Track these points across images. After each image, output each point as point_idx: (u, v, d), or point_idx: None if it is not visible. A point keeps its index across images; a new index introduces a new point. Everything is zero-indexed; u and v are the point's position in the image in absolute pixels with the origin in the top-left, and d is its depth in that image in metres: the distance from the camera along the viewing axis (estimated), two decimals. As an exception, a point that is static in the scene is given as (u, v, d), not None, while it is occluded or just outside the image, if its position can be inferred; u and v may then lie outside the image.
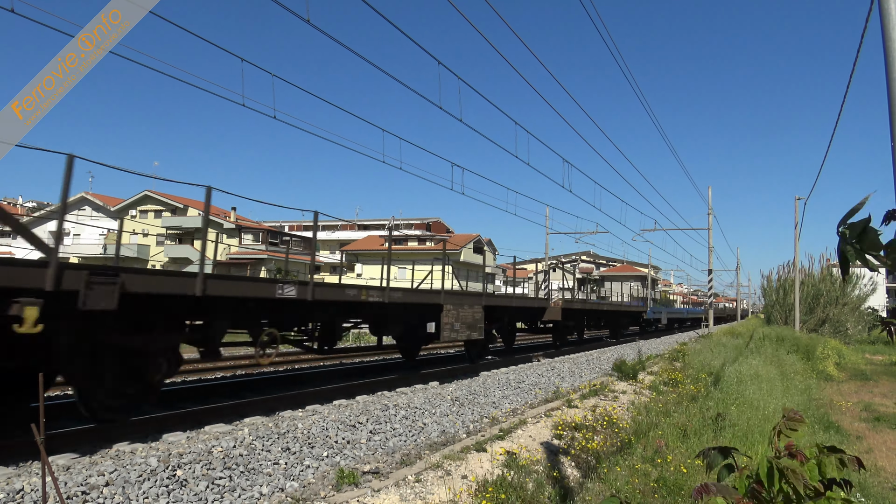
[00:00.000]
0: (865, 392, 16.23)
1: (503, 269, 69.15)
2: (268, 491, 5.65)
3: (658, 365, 16.03)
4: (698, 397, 11.29)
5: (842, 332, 35.14)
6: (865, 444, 9.85)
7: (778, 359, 18.81)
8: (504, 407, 10.28)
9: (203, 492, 5.39)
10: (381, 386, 12.24)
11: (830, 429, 10.38)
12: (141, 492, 5.12)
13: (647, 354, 18.28)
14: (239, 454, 6.24)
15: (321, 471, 6.30)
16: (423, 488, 5.58)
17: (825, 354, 22.11)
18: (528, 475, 6.19)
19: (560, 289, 26.80)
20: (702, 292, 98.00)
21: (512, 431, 7.90)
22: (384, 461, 6.71)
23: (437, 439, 7.93)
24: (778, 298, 39.54)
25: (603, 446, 7.49)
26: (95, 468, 5.43)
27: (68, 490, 4.83)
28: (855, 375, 19.98)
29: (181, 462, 5.79)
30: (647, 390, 12.40)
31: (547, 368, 15.17)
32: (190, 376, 13.11)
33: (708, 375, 13.59)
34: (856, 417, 12.27)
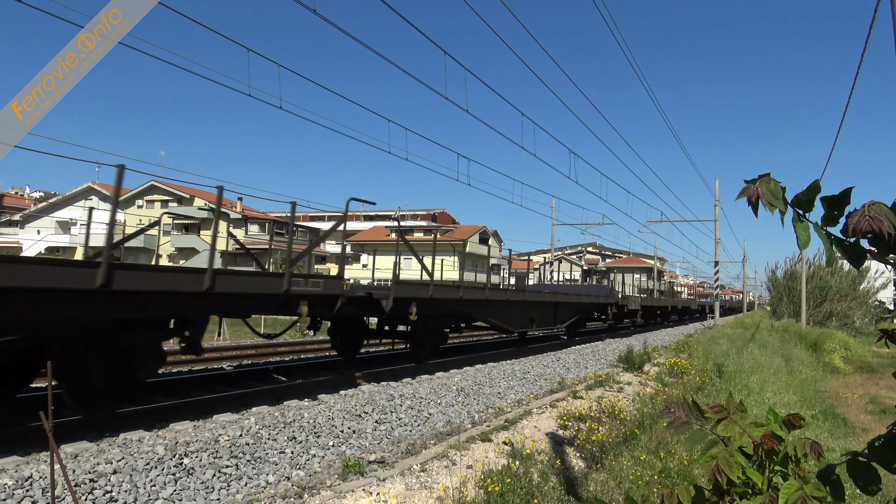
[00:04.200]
0: (871, 384, 16.21)
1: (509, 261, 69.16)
2: (274, 479, 5.69)
3: (663, 356, 16.02)
4: (704, 388, 11.29)
5: (849, 325, 35.01)
6: (871, 437, 9.83)
7: (784, 351, 18.78)
8: (509, 398, 10.30)
9: (210, 480, 5.42)
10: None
11: (836, 420, 10.36)
12: (148, 479, 5.16)
13: (652, 346, 18.25)
14: (245, 443, 6.28)
15: (327, 460, 6.34)
16: (428, 478, 5.60)
17: (832, 348, 22.06)
18: (533, 465, 6.20)
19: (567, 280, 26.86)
20: (708, 284, 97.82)
21: (517, 422, 7.92)
22: (390, 451, 6.73)
23: (443, 429, 7.95)
24: (785, 291, 39.37)
25: (608, 437, 7.49)
26: (103, 456, 5.47)
27: (76, 477, 4.86)
28: (861, 368, 19.93)
29: (188, 450, 5.83)
30: (652, 381, 12.39)
31: (552, 360, 15.17)
32: (196, 366, 13.17)
33: (713, 366, 13.57)
34: (862, 410, 12.25)
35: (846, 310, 36.03)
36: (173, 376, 11.28)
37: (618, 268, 60.06)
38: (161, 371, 11.35)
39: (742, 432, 1.46)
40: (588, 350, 18.45)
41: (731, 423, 1.46)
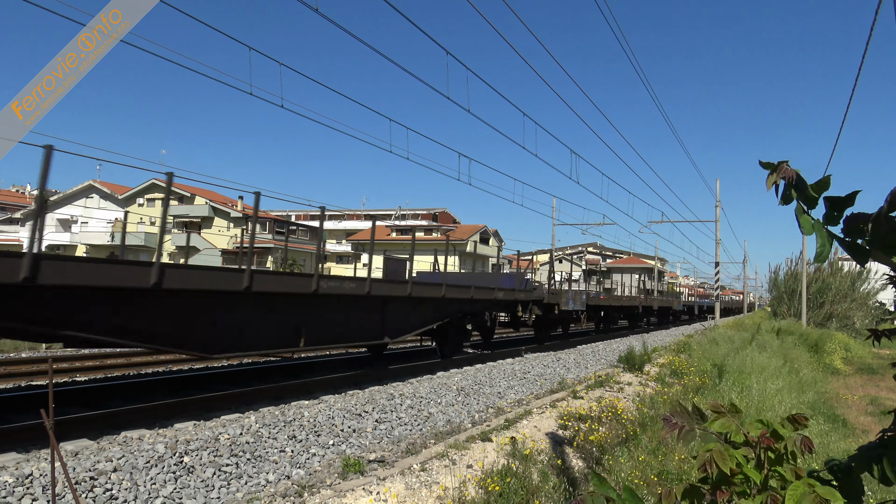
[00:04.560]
0: (872, 386, 16.19)
1: (509, 261, 69.12)
2: (274, 478, 5.69)
3: (663, 357, 16.02)
4: (703, 389, 11.29)
5: (849, 327, 34.98)
6: (871, 438, 9.81)
7: (784, 352, 18.77)
8: (510, 397, 10.30)
9: (210, 478, 5.43)
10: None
11: (836, 422, 10.35)
12: (148, 478, 5.17)
13: (652, 346, 18.25)
14: (245, 441, 6.28)
15: (327, 459, 6.34)
16: (428, 477, 5.61)
17: (832, 349, 22.06)
18: (533, 465, 6.21)
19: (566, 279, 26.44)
20: (708, 284, 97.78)
21: (517, 422, 7.92)
22: (390, 450, 6.74)
23: (443, 429, 7.96)
24: (786, 292, 39.28)
25: (608, 438, 7.50)
26: (103, 454, 5.47)
27: (77, 475, 4.87)
28: (862, 369, 19.91)
29: (188, 449, 5.83)
30: (652, 382, 12.39)
31: (553, 360, 15.17)
32: (197, 363, 13.17)
33: (713, 367, 13.57)
34: (862, 411, 12.24)
35: (846, 311, 36.00)
36: (174, 374, 11.29)
37: (618, 268, 59.98)
38: (162, 370, 11.36)
39: (738, 430, 1.46)
40: (588, 350, 18.45)
41: (728, 421, 1.47)
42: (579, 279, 42.87)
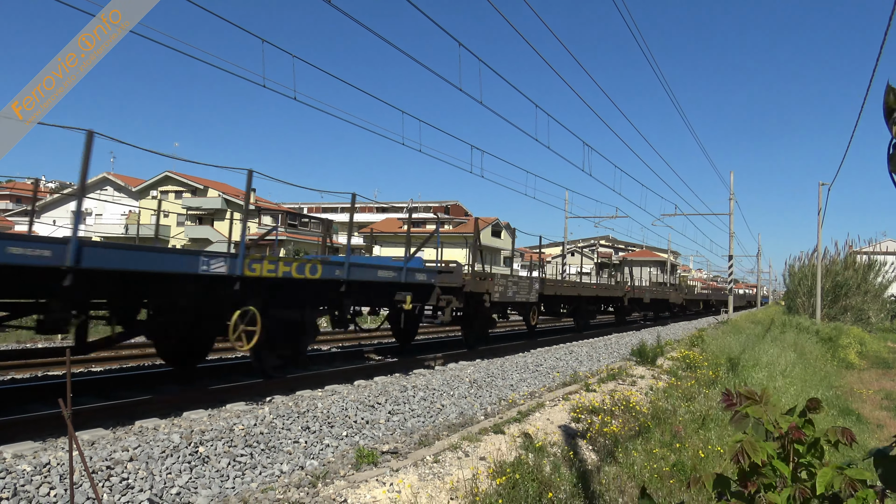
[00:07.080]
0: (887, 380, 16.05)
1: (521, 254, 68.95)
2: (288, 469, 5.72)
3: (676, 350, 15.95)
4: (717, 382, 11.24)
5: (863, 320, 34.65)
6: (886, 433, 9.74)
7: (798, 346, 18.64)
8: (522, 390, 10.29)
9: (224, 468, 5.46)
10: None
11: (850, 416, 10.28)
12: (164, 467, 5.21)
13: (665, 340, 18.18)
14: (260, 432, 6.31)
15: (341, 450, 6.36)
16: (441, 468, 5.62)
17: (847, 343, 21.88)
18: (546, 457, 6.21)
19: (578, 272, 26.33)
20: (721, 278, 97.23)
21: (530, 414, 7.91)
22: (403, 441, 6.75)
23: (455, 421, 7.96)
24: (801, 286, 38.83)
25: (621, 430, 7.48)
26: (119, 444, 5.52)
27: (93, 465, 4.91)
28: (876, 363, 19.76)
29: (203, 439, 5.87)
30: (665, 375, 12.35)
31: (565, 352, 15.15)
32: (210, 355, 13.23)
33: (727, 361, 13.50)
34: (877, 406, 12.14)
35: (861, 304, 35.62)
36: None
37: (631, 261, 59.72)
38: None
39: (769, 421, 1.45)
40: (601, 343, 18.41)
41: (760, 408, 1.45)
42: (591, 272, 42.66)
